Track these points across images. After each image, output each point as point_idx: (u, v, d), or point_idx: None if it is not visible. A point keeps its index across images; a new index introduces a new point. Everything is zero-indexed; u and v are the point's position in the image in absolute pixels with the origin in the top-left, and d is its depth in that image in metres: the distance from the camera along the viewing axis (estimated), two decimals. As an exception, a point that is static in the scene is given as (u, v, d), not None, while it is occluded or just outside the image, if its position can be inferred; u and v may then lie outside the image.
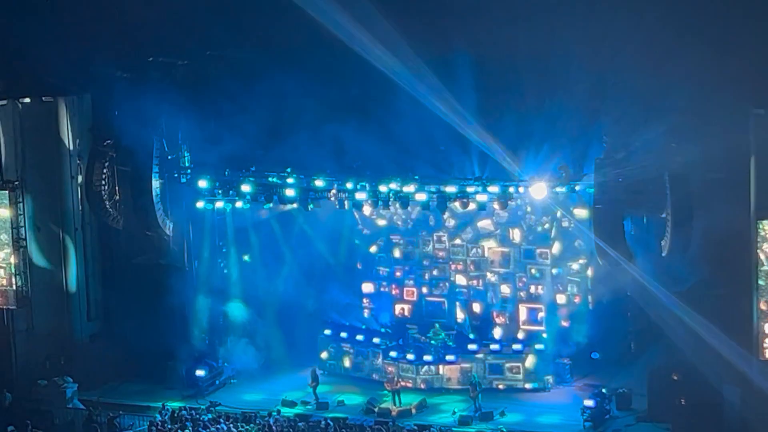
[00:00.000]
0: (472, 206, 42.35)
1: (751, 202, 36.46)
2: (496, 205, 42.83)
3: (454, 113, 39.99)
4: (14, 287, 44.09)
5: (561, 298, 44.65)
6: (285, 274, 46.61)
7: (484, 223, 45.29)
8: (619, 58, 36.52)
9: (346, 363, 45.50)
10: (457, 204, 42.42)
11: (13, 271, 44.08)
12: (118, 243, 46.44)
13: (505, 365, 43.51)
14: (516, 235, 45.05)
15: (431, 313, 46.26)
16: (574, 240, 44.08)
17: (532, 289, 45.03)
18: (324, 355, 45.95)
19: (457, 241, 45.83)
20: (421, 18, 39.18)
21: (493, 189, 40.62)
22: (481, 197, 40.70)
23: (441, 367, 43.89)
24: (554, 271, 44.67)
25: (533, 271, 44.97)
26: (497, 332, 45.23)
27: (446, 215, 44.94)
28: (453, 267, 46.17)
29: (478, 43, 38.87)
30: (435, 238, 46.16)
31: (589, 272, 44.13)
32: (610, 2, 36.43)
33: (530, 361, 43.57)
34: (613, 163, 37.92)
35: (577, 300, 44.55)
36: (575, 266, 44.44)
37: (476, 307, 45.93)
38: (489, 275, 45.68)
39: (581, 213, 42.36)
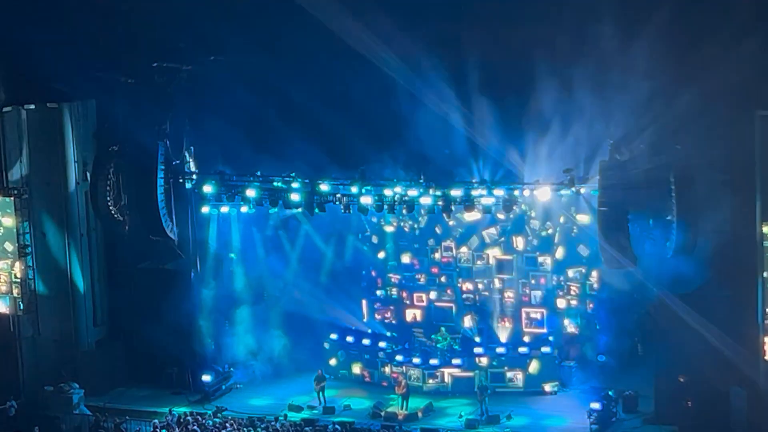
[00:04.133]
0: (476, 215, 42.44)
1: (756, 204, 36.45)
2: (500, 216, 43.17)
3: (459, 116, 40.10)
4: (20, 294, 44.09)
5: (564, 303, 44.67)
6: (290, 278, 46.67)
7: (489, 232, 45.36)
8: (624, 60, 36.56)
9: (356, 370, 45.57)
10: (465, 214, 42.54)
11: (18, 277, 44.10)
12: (124, 248, 46.49)
13: (507, 373, 43.60)
14: (519, 242, 45.18)
15: (439, 318, 46.27)
16: (577, 245, 44.10)
17: (535, 294, 45.10)
18: (333, 361, 45.96)
19: (464, 249, 45.92)
20: (427, 20, 39.21)
21: (499, 192, 40.60)
22: (487, 200, 40.67)
23: (446, 373, 43.95)
24: (556, 276, 44.68)
25: (535, 277, 45.00)
26: (503, 336, 45.25)
27: (452, 223, 45.08)
28: (460, 272, 46.16)
29: (482, 46, 38.90)
30: (443, 246, 46.25)
31: (593, 276, 44.09)
32: (616, 5, 36.46)
33: (534, 366, 43.63)
34: (617, 166, 37.90)
35: (578, 304, 44.52)
36: (578, 271, 44.40)
37: (482, 313, 45.93)
38: (494, 281, 45.72)
39: (584, 219, 42.42)
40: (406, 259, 47.01)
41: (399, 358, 44.43)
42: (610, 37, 36.84)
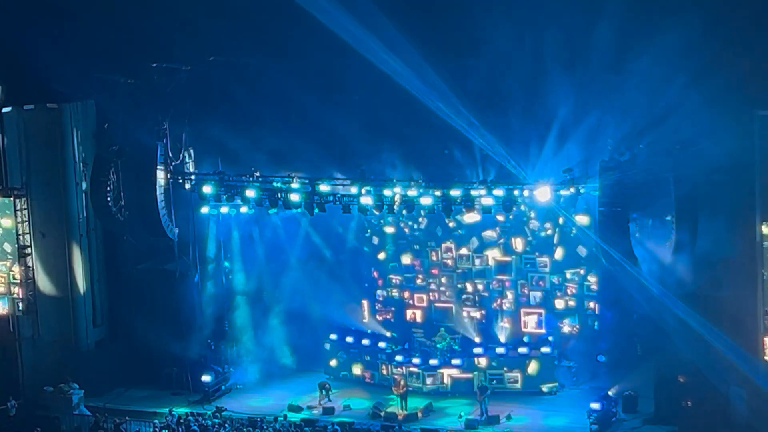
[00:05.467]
0: (475, 216, 42.51)
1: (756, 204, 36.41)
2: (500, 217, 43.25)
3: (458, 116, 40.09)
4: (20, 294, 44.09)
5: (563, 303, 44.69)
6: (290, 278, 46.66)
7: (489, 233, 45.39)
8: (624, 60, 36.58)
9: (357, 371, 45.60)
10: (465, 216, 42.61)
11: (18, 278, 44.08)
12: (124, 249, 46.49)
13: (506, 374, 43.63)
14: (518, 244, 45.19)
15: (439, 318, 46.31)
16: (576, 246, 44.13)
17: (534, 295, 45.14)
18: (333, 362, 46.01)
19: (464, 250, 45.94)
20: (426, 20, 39.21)
21: (498, 192, 40.56)
22: (486, 200, 40.65)
23: (445, 375, 43.96)
24: (555, 277, 44.71)
25: (534, 278, 45.04)
26: (502, 337, 45.30)
27: (452, 224, 45.13)
28: (460, 273, 46.18)
29: (483, 46, 38.91)
30: (443, 247, 46.25)
31: (591, 277, 44.07)
32: (616, 5, 36.46)
33: (533, 366, 43.67)
34: (617, 166, 37.88)
35: (576, 305, 44.55)
36: (577, 272, 44.42)
37: (482, 313, 45.97)
38: (493, 282, 45.76)
39: (583, 219, 42.50)
40: (406, 260, 47.01)
41: (399, 358, 44.46)
42: (610, 38, 36.83)
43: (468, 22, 39.22)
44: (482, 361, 43.76)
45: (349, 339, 45.92)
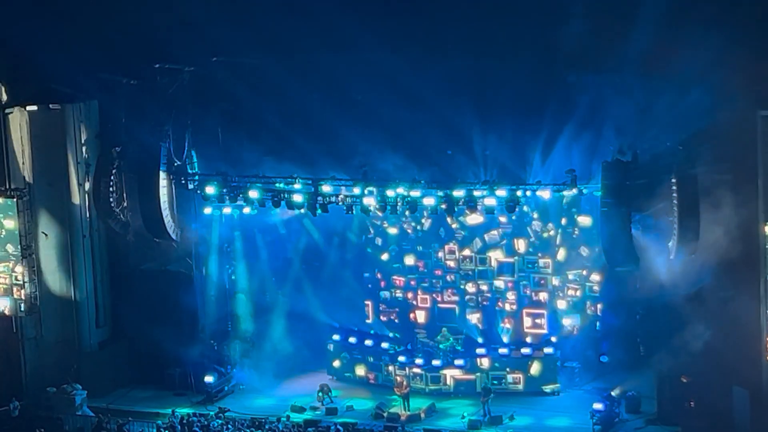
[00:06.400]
0: (478, 218, 42.52)
1: (758, 204, 36.39)
2: (502, 218, 43.29)
3: (461, 117, 40.12)
4: (23, 295, 44.10)
5: (565, 304, 44.62)
6: (293, 279, 46.70)
7: (492, 235, 45.37)
8: (625, 60, 36.60)
9: (360, 372, 45.61)
10: (468, 217, 42.65)
11: (21, 279, 44.10)
12: (126, 250, 46.46)
13: (508, 375, 43.65)
14: (521, 245, 45.08)
15: (443, 319, 46.26)
16: (578, 247, 44.10)
17: (537, 295, 45.06)
18: (336, 363, 46.01)
19: (466, 252, 45.88)
20: (427, 20, 39.25)
21: (501, 193, 40.54)
22: (489, 201, 40.62)
23: (448, 376, 43.97)
24: (557, 278, 44.68)
25: (537, 278, 45.01)
26: (505, 338, 45.29)
27: (455, 225, 45.13)
28: (463, 275, 46.17)
29: (484, 46, 38.95)
30: (446, 249, 46.21)
31: (594, 277, 44.03)
32: (617, 5, 36.51)
33: (536, 367, 43.67)
34: (620, 166, 37.90)
35: (579, 305, 44.52)
36: (579, 273, 44.38)
37: (485, 313, 45.95)
38: (496, 283, 45.71)
39: (585, 220, 42.51)
40: (409, 261, 46.89)
41: (402, 359, 44.48)
42: (611, 38, 36.85)
43: (471, 21, 39.26)
44: (485, 362, 43.78)
45: (352, 340, 45.91)
